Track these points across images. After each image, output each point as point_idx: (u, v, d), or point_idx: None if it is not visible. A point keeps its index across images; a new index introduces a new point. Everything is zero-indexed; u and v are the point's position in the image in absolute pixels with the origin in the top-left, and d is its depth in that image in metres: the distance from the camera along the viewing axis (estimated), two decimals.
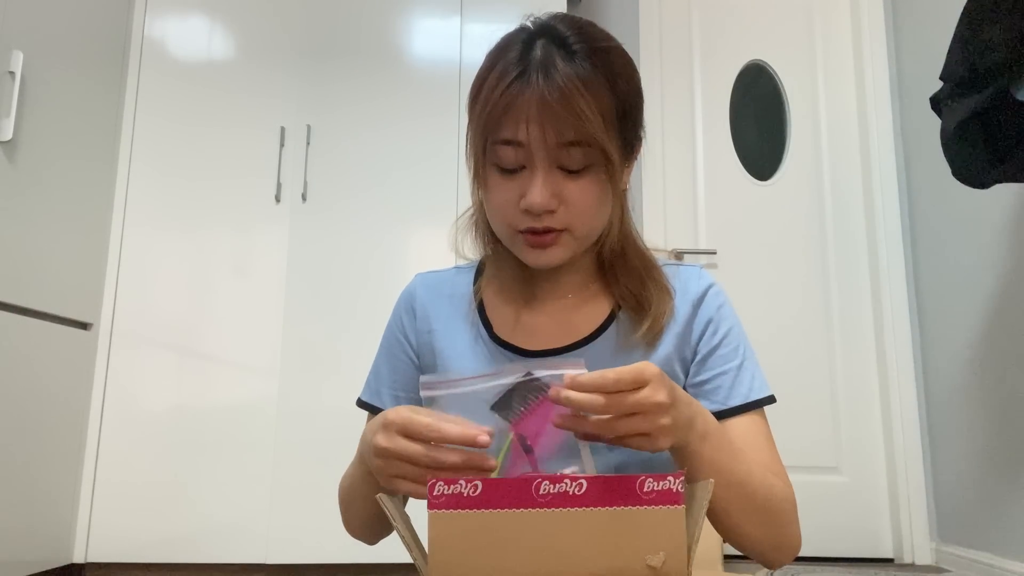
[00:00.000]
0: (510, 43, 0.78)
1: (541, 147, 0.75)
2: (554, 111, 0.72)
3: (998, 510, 2.20)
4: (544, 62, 0.74)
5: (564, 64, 0.73)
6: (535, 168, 0.76)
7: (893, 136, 2.78)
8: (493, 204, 0.80)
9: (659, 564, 0.53)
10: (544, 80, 0.72)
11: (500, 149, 0.76)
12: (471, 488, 0.53)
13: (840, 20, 2.94)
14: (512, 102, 0.73)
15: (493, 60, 0.78)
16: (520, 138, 0.75)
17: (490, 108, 0.75)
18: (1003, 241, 2.19)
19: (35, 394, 1.97)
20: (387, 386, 0.93)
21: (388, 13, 2.50)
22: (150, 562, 2.15)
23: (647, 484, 0.53)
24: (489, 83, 0.76)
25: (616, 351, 0.86)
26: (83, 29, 2.20)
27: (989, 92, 1.71)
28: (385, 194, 2.38)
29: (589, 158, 0.76)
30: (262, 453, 2.20)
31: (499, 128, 0.75)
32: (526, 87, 0.73)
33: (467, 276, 0.95)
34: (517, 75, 0.74)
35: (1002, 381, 2.20)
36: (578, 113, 0.72)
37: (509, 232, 0.81)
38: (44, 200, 2.02)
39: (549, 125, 0.73)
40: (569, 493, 0.53)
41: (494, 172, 0.78)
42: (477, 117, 0.77)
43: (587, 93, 0.73)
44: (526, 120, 0.73)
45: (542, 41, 0.76)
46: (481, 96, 0.77)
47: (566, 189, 0.76)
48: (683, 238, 2.78)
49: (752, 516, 0.75)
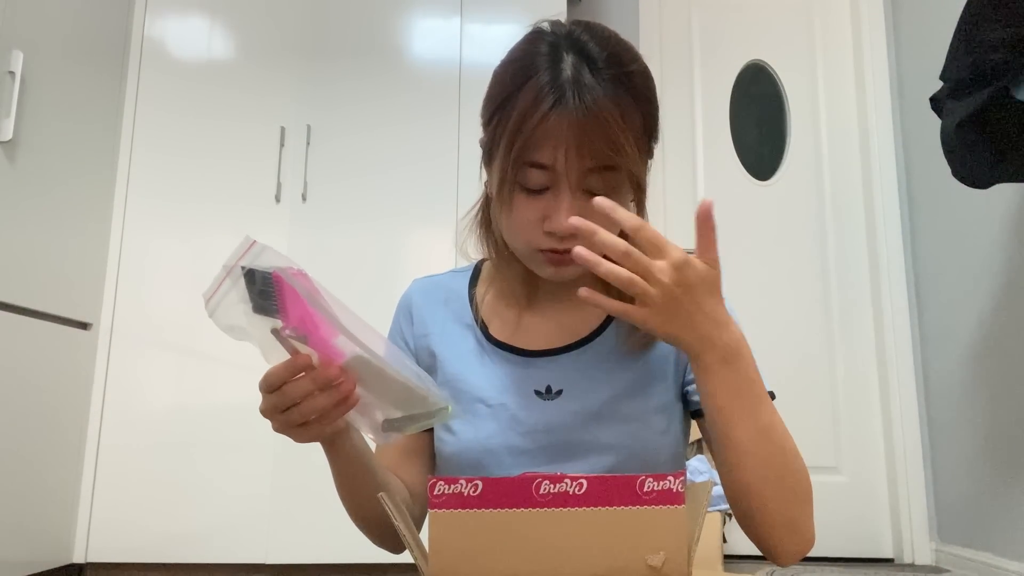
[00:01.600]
0: (534, 56, 0.76)
1: (571, 172, 0.74)
2: (589, 138, 0.72)
3: (998, 510, 2.20)
4: (577, 82, 0.73)
5: (598, 86, 0.73)
6: (561, 191, 0.75)
7: (893, 136, 2.78)
8: (515, 222, 0.79)
9: (659, 564, 0.53)
10: (579, 104, 0.72)
11: (529, 171, 0.75)
12: (471, 488, 0.54)
13: (840, 20, 2.94)
14: (548, 127, 0.73)
15: (520, 76, 0.76)
16: (550, 162, 0.74)
17: (526, 132, 0.73)
18: (1003, 241, 2.19)
19: (35, 394, 1.97)
20: None
21: (388, 13, 2.50)
22: (150, 562, 2.15)
23: (647, 484, 0.53)
24: (522, 105, 0.74)
25: (614, 352, 0.86)
26: (83, 29, 2.20)
27: (989, 92, 1.70)
28: (385, 194, 2.38)
29: (615, 183, 0.76)
30: (262, 453, 2.20)
31: (532, 151, 0.74)
32: (563, 112, 0.72)
33: (463, 279, 0.95)
34: (555, 100, 0.72)
35: (1002, 381, 2.20)
36: (612, 141, 0.73)
37: (527, 249, 0.80)
38: (44, 200, 2.02)
39: (583, 151, 0.73)
40: (569, 493, 0.53)
41: (518, 191, 0.77)
42: (508, 138, 0.75)
43: (621, 120, 0.73)
44: (559, 145, 0.73)
45: (571, 58, 0.75)
46: (513, 116, 0.74)
47: (590, 212, 0.73)
48: (683, 238, 2.77)
49: (770, 474, 0.72)
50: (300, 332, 0.65)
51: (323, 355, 0.65)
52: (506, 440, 0.83)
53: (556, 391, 0.85)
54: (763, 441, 0.72)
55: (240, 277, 0.66)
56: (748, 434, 0.71)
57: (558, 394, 0.85)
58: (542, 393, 0.85)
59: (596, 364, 0.86)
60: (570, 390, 0.84)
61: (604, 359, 0.86)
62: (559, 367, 0.86)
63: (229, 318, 0.69)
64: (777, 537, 0.76)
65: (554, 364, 0.86)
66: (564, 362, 0.86)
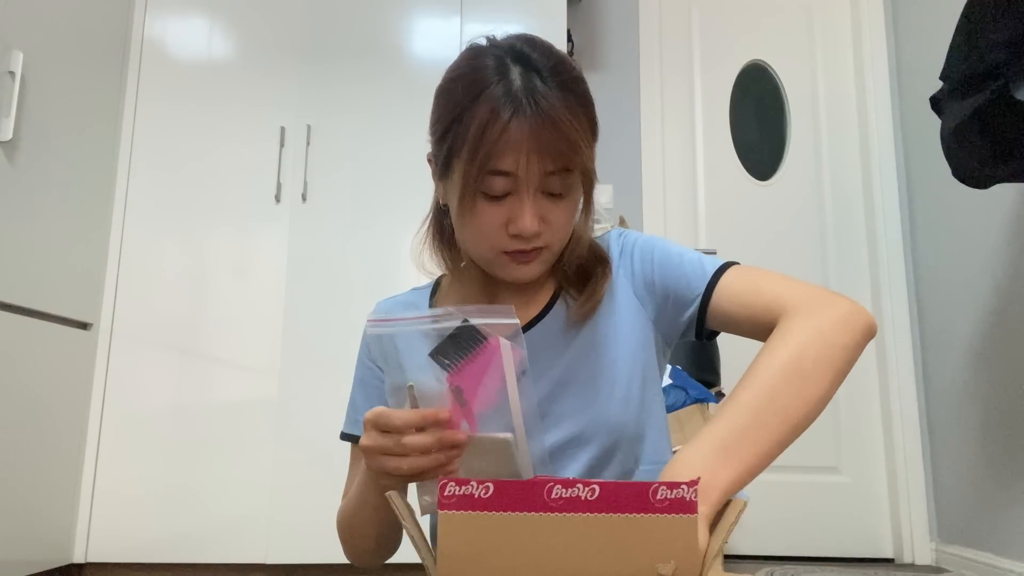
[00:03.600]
0: (482, 69, 0.79)
1: (532, 176, 0.77)
2: (548, 142, 0.76)
3: (998, 510, 2.21)
4: (529, 91, 0.76)
5: (550, 92, 0.76)
6: (522, 195, 0.79)
7: (893, 136, 2.78)
8: (479, 228, 0.81)
9: (670, 572, 0.53)
10: (536, 110, 0.75)
11: (491, 179, 0.78)
12: (482, 489, 0.53)
13: (840, 20, 2.94)
14: (509, 136, 0.75)
15: (472, 89, 0.78)
16: (513, 168, 0.77)
17: (488, 143, 0.76)
18: (1003, 241, 2.20)
19: (35, 394, 1.96)
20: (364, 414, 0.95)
21: (388, 13, 2.50)
22: (150, 562, 2.15)
23: (660, 492, 0.53)
24: (480, 116, 0.76)
25: (564, 327, 0.90)
26: (83, 29, 2.19)
27: (989, 92, 1.71)
28: (385, 194, 2.38)
29: (570, 182, 0.80)
30: (262, 453, 2.20)
31: (494, 160, 0.77)
32: (521, 120, 0.75)
33: (424, 294, 1.00)
34: (514, 110, 0.75)
35: (1002, 381, 2.20)
36: (570, 142, 0.76)
37: (491, 253, 0.83)
38: (44, 200, 2.02)
39: (543, 155, 0.76)
40: (580, 498, 0.53)
41: (480, 198, 0.80)
42: (470, 148, 0.77)
43: (574, 122, 0.77)
44: (520, 152, 0.76)
45: (518, 69, 0.78)
46: (472, 128, 0.76)
47: (549, 212, 0.80)
48: (683, 238, 2.78)
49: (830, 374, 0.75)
50: (461, 393, 0.67)
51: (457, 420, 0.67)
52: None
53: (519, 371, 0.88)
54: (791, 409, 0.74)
55: (456, 320, 0.67)
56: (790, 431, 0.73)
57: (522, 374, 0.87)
58: None
59: (548, 338, 0.89)
60: (533, 366, 0.87)
61: (558, 332, 0.89)
62: None
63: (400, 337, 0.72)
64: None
65: None
66: None
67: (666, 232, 2.76)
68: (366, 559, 0.92)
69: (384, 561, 0.93)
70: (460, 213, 0.81)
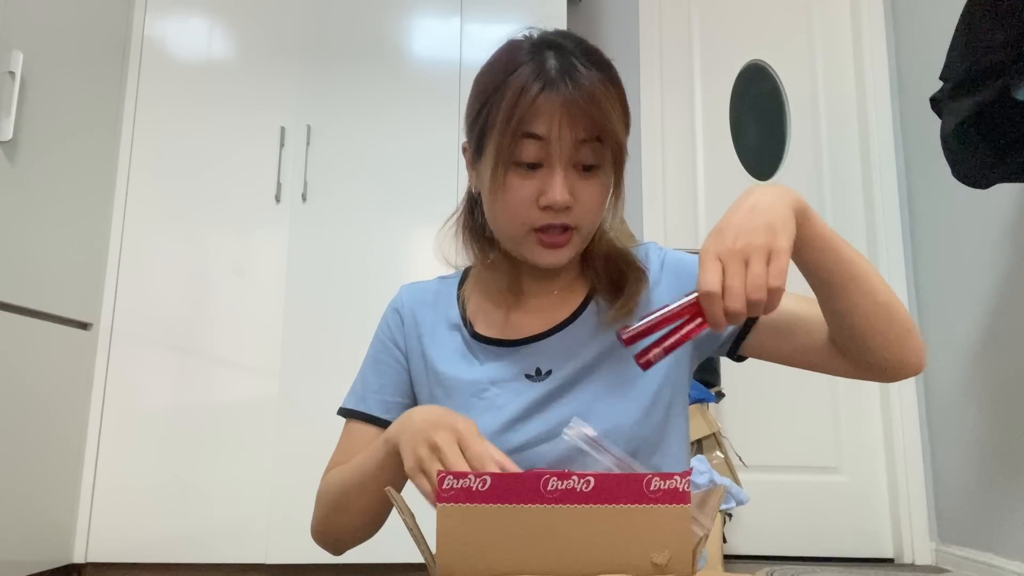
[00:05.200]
0: (518, 53, 0.82)
1: (564, 144, 0.79)
2: (580, 107, 0.78)
3: (998, 510, 2.21)
4: (564, 70, 0.79)
5: (584, 70, 0.79)
6: (554, 166, 0.80)
7: (893, 136, 2.79)
8: (509, 202, 0.82)
9: (664, 562, 0.53)
10: (568, 83, 0.78)
11: (524, 144, 0.79)
12: (480, 482, 0.54)
13: (840, 20, 2.95)
14: (541, 103, 0.78)
15: (508, 67, 0.81)
16: (545, 133, 0.78)
17: (523, 106, 0.78)
18: (1003, 241, 2.20)
19: (35, 394, 1.97)
20: (374, 391, 0.95)
21: (388, 13, 2.50)
22: (150, 562, 2.15)
23: (653, 483, 0.54)
24: (515, 85, 0.79)
25: (595, 331, 0.89)
26: (83, 29, 2.20)
27: (989, 92, 1.71)
28: (385, 194, 2.38)
29: (602, 156, 0.82)
30: (262, 453, 2.20)
31: (527, 123, 0.78)
32: (554, 91, 0.78)
33: (451, 285, 0.99)
34: (545, 82, 0.78)
35: (1002, 381, 2.20)
36: (603, 109, 0.78)
37: (522, 231, 0.84)
38: (44, 200, 2.02)
39: (575, 120, 0.78)
40: (576, 490, 0.53)
41: (512, 170, 0.81)
42: (505, 113, 0.79)
43: (609, 93, 0.80)
44: (553, 118, 0.78)
45: (553, 53, 0.81)
46: (507, 96, 0.79)
47: (579, 188, 0.82)
48: (683, 238, 2.78)
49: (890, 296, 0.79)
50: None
51: None
52: (503, 428, 0.85)
53: (546, 371, 0.88)
54: (871, 274, 0.78)
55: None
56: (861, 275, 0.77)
57: (548, 374, 0.88)
58: (532, 376, 0.88)
59: (581, 340, 0.89)
60: (559, 368, 0.87)
61: (588, 335, 0.89)
62: (546, 348, 0.89)
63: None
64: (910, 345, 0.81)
65: (541, 347, 0.89)
66: (551, 343, 0.89)
67: (666, 232, 2.76)
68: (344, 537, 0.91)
69: (355, 545, 0.91)
70: (492, 190, 0.82)
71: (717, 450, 2.29)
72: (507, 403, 0.86)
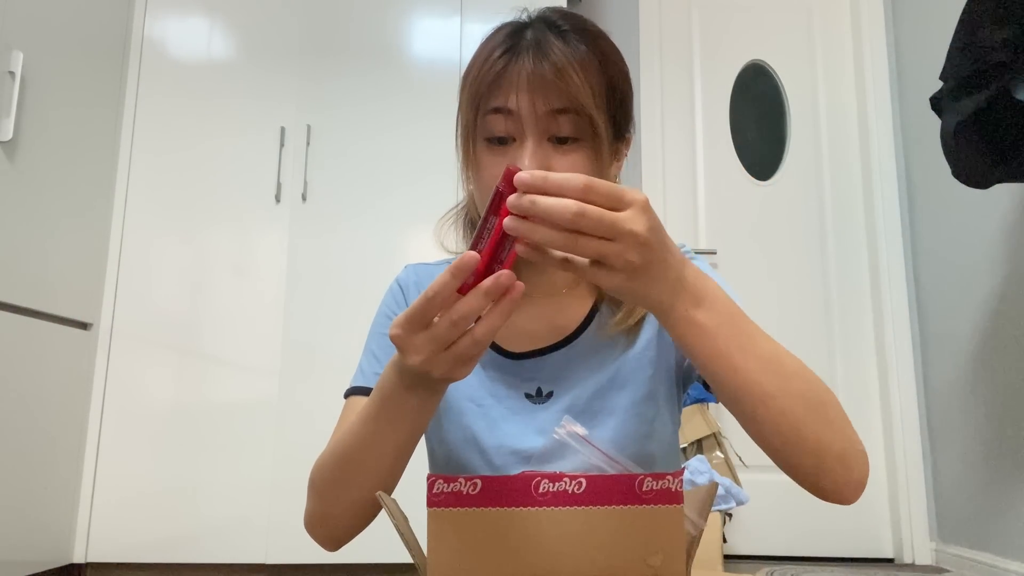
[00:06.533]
0: (500, 28, 0.81)
1: (531, 115, 0.75)
2: (544, 79, 0.74)
3: (998, 510, 2.20)
4: (535, 40, 0.76)
5: (556, 41, 0.76)
6: (525, 139, 0.76)
7: (893, 136, 2.78)
8: (483, 181, 0.79)
9: (658, 564, 0.53)
10: (535, 52, 0.75)
11: (490, 119, 0.77)
12: (470, 486, 0.53)
13: (840, 20, 2.94)
14: (503, 72, 0.76)
15: (483, 44, 0.81)
16: (510, 106, 0.75)
17: (480, 79, 0.77)
18: (1003, 241, 2.19)
19: (35, 394, 1.97)
20: (382, 365, 0.89)
21: (388, 13, 2.50)
22: (150, 562, 2.15)
23: (646, 483, 0.53)
24: (478, 60, 0.79)
25: (597, 344, 0.85)
26: (83, 29, 2.20)
27: (989, 92, 1.71)
28: (385, 194, 2.38)
29: (578, 129, 0.76)
30: (262, 453, 2.20)
31: (489, 98, 0.77)
32: (516, 59, 0.75)
33: None
34: (507, 49, 0.76)
35: (1002, 381, 2.20)
36: (568, 81, 0.74)
37: None
38: (44, 200, 2.02)
39: (539, 93, 0.74)
40: (568, 492, 0.53)
41: (484, 148, 0.79)
42: (468, 91, 0.79)
43: (577, 66, 0.75)
44: (516, 88, 0.75)
45: (535, 24, 0.79)
46: (471, 73, 0.79)
47: (556, 162, 0.76)
48: (683, 238, 2.78)
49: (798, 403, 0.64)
50: None
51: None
52: (497, 440, 0.82)
53: (547, 393, 0.84)
54: (778, 374, 0.65)
55: None
56: (757, 370, 0.64)
57: (548, 396, 0.84)
58: (533, 396, 0.84)
59: (583, 360, 0.85)
60: (560, 391, 0.84)
61: (591, 353, 0.85)
62: (547, 367, 0.85)
63: None
64: (828, 468, 0.67)
65: (542, 364, 0.85)
66: (552, 361, 0.85)
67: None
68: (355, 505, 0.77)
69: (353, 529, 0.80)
70: (467, 171, 0.81)
71: (717, 450, 2.29)
72: (503, 418, 0.83)
